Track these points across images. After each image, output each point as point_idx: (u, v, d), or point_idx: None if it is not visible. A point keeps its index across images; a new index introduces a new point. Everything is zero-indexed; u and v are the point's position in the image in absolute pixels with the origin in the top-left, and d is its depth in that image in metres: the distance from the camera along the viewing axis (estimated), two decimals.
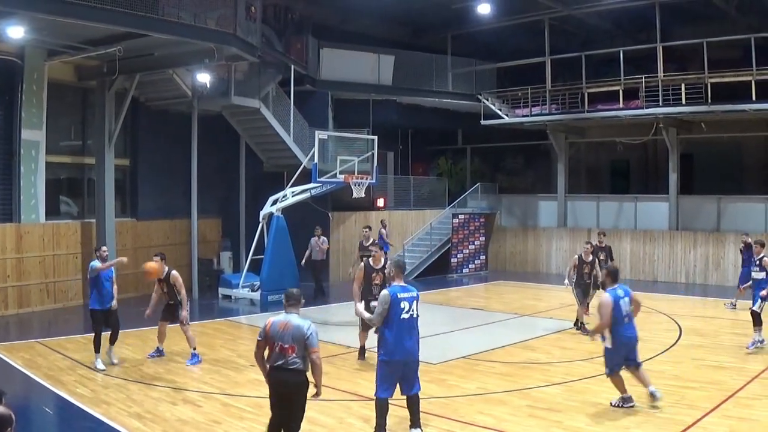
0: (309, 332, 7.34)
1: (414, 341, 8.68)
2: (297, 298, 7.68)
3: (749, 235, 18.93)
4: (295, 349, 7.31)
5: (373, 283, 12.57)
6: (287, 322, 7.42)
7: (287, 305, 7.65)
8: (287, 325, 7.41)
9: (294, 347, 7.32)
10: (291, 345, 7.32)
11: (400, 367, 8.56)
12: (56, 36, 16.69)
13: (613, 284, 9.95)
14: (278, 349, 7.36)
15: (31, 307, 18.23)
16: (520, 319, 17.85)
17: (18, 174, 18.06)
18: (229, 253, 24.19)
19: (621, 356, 9.82)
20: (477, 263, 28.12)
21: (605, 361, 9.98)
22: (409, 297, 8.66)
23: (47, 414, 10.13)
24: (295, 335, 7.33)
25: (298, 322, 7.41)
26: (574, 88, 25.68)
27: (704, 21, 24.92)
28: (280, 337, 7.37)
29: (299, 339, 7.32)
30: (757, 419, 9.24)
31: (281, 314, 7.59)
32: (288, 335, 7.34)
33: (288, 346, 7.32)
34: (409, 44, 29.23)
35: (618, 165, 30.78)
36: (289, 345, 7.32)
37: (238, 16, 17.33)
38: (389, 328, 8.57)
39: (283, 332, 7.37)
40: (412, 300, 8.67)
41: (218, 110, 22.76)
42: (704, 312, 18.01)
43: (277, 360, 7.37)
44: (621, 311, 9.72)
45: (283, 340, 7.34)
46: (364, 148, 21.04)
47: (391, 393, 8.63)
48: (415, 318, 8.68)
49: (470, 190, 30.03)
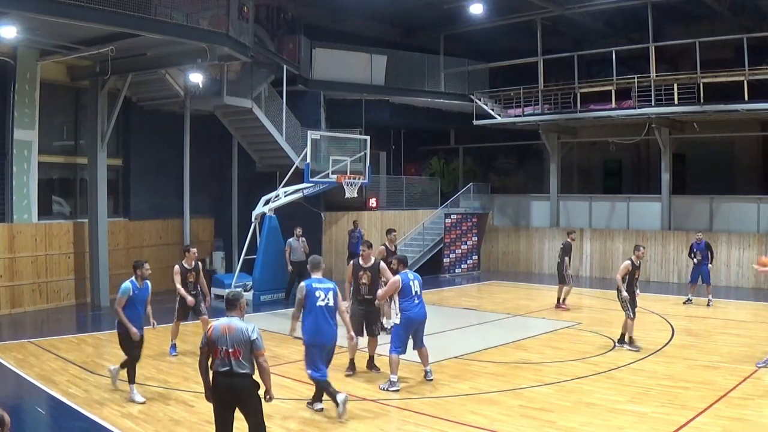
0: (254, 335, 7.19)
1: (330, 327, 9.69)
2: (235, 300, 7.44)
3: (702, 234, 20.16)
4: (240, 353, 7.13)
5: (360, 282, 11.92)
6: (229, 326, 7.22)
7: (228, 309, 7.41)
8: (230, 328, 7.20)
9: (239, 351, 7.13)
10: (236, 349, 7.13)
11: (321, 350, 9.71)
12: (49, 36, 16.64)
13: (404, 269, 11.20)
14: (223, 354, 7.16)
15: (24, 307, 18.17)
16: (512, 319, 17.87)
17: (10, 174, 18.01)
18: (221, 253, 24.16)
19: (408, 334, 11.01)
20: (469, 263, 28.15)
21: (392, 338, 11.07)
22: (325, 288, 9.72)
23: (40, 414, 10.10)
24: (238, 339, 7.15)
25: (241, 325, 7.22)
26: (567, 88, 25.70)
27: (696, 21, 25.02)
28: (223, 342, 7.16)
29: (244, 342, 7.15)
30: (749, 419, 9.27)
31: (222, 318, 7.38)
32: (232, 339, 7.15)
33: (233, 350, 7.13)
34: (401, 44, 29.24)
35: (610, 165, 30.87)
36: (234, 349, 7.13)
37: (230, 16, 17.31)
38: (307, 315, 9.66)
39: (227, 336, 7.17)
40: (327, 291, 9.69)
41: (211, 110, 22.73)
42: (696, 312, 18.06)
43: (223, 366, 7.17)
44: (410, 289, 10.94)
45: (228, 345, 7.14)
46: (356, 148, 21.02)
47: (321, 372, 9.66)
48: (331, 307, 9.67)
49: (463, 190, 30.05)
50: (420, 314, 11.05)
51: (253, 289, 19.87)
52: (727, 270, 23.52)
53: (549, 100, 26.40)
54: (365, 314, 11.94)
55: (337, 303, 9.77)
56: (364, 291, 11.86)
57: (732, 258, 23.44)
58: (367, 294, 11.84)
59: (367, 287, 11.85)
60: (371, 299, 11.84)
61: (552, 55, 26.37)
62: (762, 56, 22.52)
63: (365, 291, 11.86)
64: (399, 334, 10.94)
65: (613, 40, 26.48)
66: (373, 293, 11.77)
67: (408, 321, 10.93)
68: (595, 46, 27.44)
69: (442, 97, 28.46)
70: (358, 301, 11.94)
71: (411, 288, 10.96)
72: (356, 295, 11.97)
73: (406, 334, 10.99)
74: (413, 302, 10.95)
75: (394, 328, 11.14)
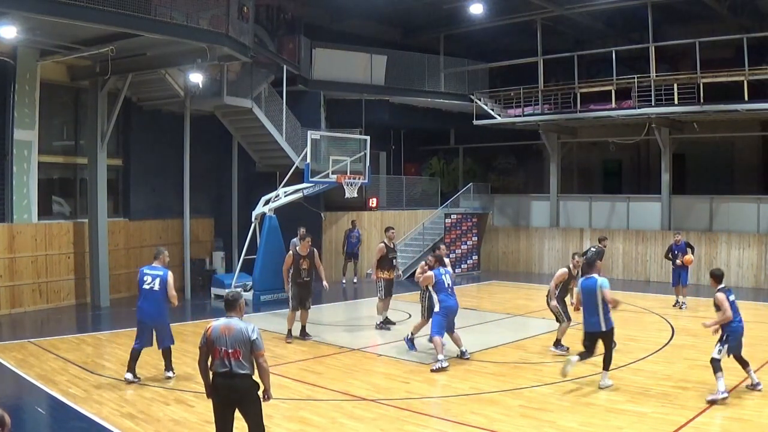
0: (254, 335, 7.15)
1: (149, 305, 11.33)
2: (234, 300, 7.41)
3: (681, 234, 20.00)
4: (240, 354, 7.10)
5: (300, 267, 14.61)
6: (229, 326, 7.20)
7: (227, 309, 7.39)
8: (229, 329, 7.18)
9: (239, 351, 7.10)
10: (236, 349, 7.10)
11: (143, 325, 11.47)
12: (49, 36, 16.63)
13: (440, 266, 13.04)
14: (222, 354, 7.13)
15: (24, 307, 18.17)
16: (512, 318, 17.87)
17: (10, 174, 17.99)
18: (221, 253, 24.14)
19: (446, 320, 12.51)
20: (469, 263, 28.16)
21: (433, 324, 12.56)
22: (154, 274, 11.31)
23: (40, 414, 10.09)
24: (238, 339, 7.11)
25: (241, 326, 7.19)
26: (567, 88, 25.70)
27: (696, 21, 25.01)
28: (222, 342, 7.14)
29: (243, 342, 7.11)
30: (749, 419, 9.29)
31: (221, 319, 7.35)
32: (231, 339, 7.12)
33: (232, 350, 7.10)
34: (401, 44, 29.26)
35: (610, 165, 30.87)
36: (233, 350, 7.10)
37: (230, 16, 17.28)
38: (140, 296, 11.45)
39: (226, 337, 7.15)
40: (155, 277, 11.27)
41: (211, 110, 22.72)
42: (696, 312, 18.05)
43: (222, 366, 7.14)
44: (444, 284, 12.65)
45: (227, 345, 7.11)
46: (356, 148, 21.01)
47: (141, 344, 11.42)
48: (156, 290, 11.22)
49: (462, 190, 30.07)
50: (455, 304, 12.74)
51: (253, 289, 19.87)
52: (727, 270, 23.41)
53: (549, 100, 26.40)
54: (303, 292, 14.69)
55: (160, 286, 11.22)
56: (304, 274, 14.66)
57: (732, 258, 23.44)
58: (306, 276, 14.69)
59: (306, 271, 14.66)
60: (309, 281, 14.77)
61: (552, 55, 26.37)
62: (762, 56, 22.54)
63: (305, 274, 14.66)
64: (439, 321, 12.49)
65: (613, 40, 26.47)
66: (310, 276, 14.77)
67: (446, 310, 12.53)
68: (595, 46, 27.45)
69: (442, 97, 28.47)
70: (297, 283, 14.61)
71: (444, 282, 12.68)
72: (296, 278, 14.61)
73: (445, 320, 12.52)
74: (448, 294, 12.64)
75: (434, 316, 12.66)
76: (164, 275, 11.30)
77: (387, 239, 16.50)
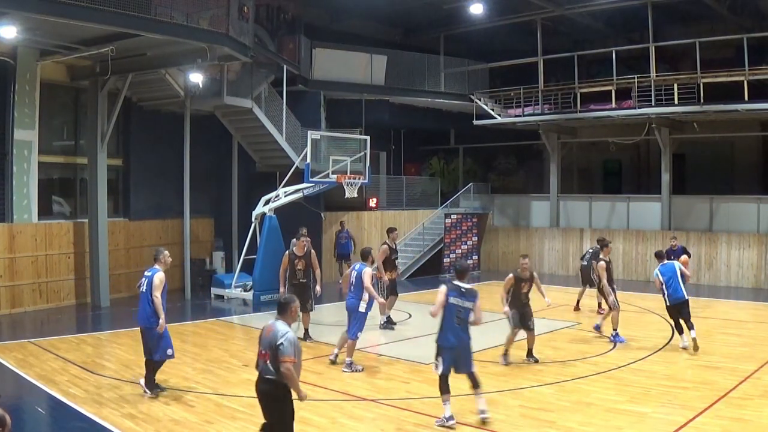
0: (281, 340, 6.99)
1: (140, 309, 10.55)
2: (285, 304, 7.39)
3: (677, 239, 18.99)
4: (268, 357, 7.05)
5: (296, 268, 14.37)
6: (269, 328, 7.20)
7: (278, 311, 7.40)
8: (268, 330, 7.19)
9: (267, 354, 7.06)
10: (266, 352, 7.09)
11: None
12: (49, 36, 16.63)
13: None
14: (258, 355, 7.23)
15: (24, 307, 18.17)
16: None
17: (11, 174, 18.00)
18: (221, 253, 24.14)
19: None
20: (469, 263, 28.08)
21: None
22: (146, 276, 10.58)
23: (40, 414, 10.10)
24: (269, 342, 7.08)
25: (277, 329, 7.12)
26: (567, 88, 25.71)
27: (696, 21, 25.03)
28: (260, 343, 7.22)
29: (272, 346, 7.03)
30: (749, 419, 9.28)
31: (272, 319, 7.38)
32: (265, 342, 7.12)
33: (264, 352, 7.12)
34: (401, 44, 29.26)
35: (610, 165, 30.87)
36: (264, 351, 7.11)
37: (230, 16, 17.29)
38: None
39: (263, 338, 7.19)
40: (146, 278, 10.52)
41: (211, 110, 22.71)
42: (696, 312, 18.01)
43: (257, 366, 7.24)
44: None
45: (262, 346, 7.16)
46: (356, 148, 21.03)
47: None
48: (144, 293, 10.46)
49: (463, 190, 30.09)
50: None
51: (253, 289, 19.86)
52: (727, 270, 23.54)
53: (549, 100, 26.41)
54: (299, 294, 13.02)
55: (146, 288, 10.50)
56: (300, 276, 14.35)
57: (732, 258, 23.45)
58: (302, 278, 14.37)
59: (302, 272, 14.37)
60: (305, 282, 14.37)
61: (552, 55, 26.37)
62: (762, 56, 22.53)
63: (300, 276, 14.35)
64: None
65: (613, 40, 26.50)
66: (306, 277, 14.41)
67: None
68: (595, 46, 27.45)
69: (442, 97, 28.46)
70: (293, 285, 14.18)
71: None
72: (292, 279, 14.30)
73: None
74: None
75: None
76: (151, 276, 10.50)
77: (390, 240, 16.56)
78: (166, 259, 10.81)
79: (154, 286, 10.40)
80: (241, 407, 9.95)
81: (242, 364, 12.70)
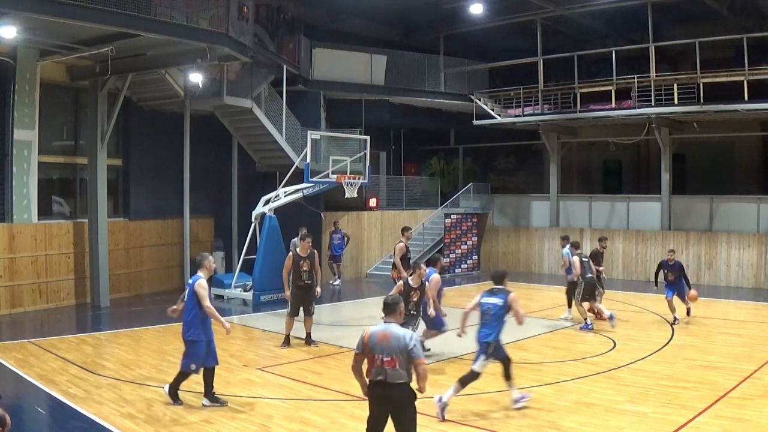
0: (412, 343, 6.81)
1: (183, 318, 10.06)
2: (393, 304, 7.09)
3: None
4: (397, 362, 6.78)
5: (301, 269, 13.93)
6: (386, 333, 6.89)
7: (386, 313, 7.08)
8: (386, 336, 6.86)
9: (396, 360, 6.77)
10: (392, 358, 6.78)
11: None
12: (49, 36, 16.63)
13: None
14: (379, 362, 6.83)
15: (24, 308, 18.16)
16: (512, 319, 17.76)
17: (10, 174, 18.00)
18: (221, 253, 24.14)
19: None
20: (469, 263, 28.16)
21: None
22: (188, 283, 10.09)
23: (40, 414, 10.09)
24: (395, 347, 6.79)
25: (399, 333, 6.87)
26: (567, 88, 25.69)
27: (696, 21, 24.99)
28: (380, 350, 6.83)
29: (401, 351, 6.78)
30: (749, 419, 9.28)
31: (379, 324, 7.06)
32: (389, 348, 6.80)
33: (389, 359, 6.79)
34: (401, 44, 29.24)
35: (610, 165, 30.88)
36: (390, 358, 6.79)
37: (230, 16, 17.29)
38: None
39: (383, 344, 6.84)
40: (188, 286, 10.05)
41: (210, 110, 22.70)
42: (696, 312, 18.04)
43: (377, 375, 6.87)
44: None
45: (384, 353, 6.80)
46: (356, 148, 21.03)
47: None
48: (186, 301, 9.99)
49: (462, 190, 30.08)
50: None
51: (252, 289, 19.86)
52: (727, 270, 23.53)
53: (549, 100, 26.39)
54: (304, 296, 13.96)
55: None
56: (305, 277, 13.93)
57: (732, 258, 23.44)
58: (307, 279, 13.95)
59: (306, 273, 13.93)
60: (310, 284, 13.97)
61: (552, 55, 26.36)
62: (762, 56, 22.50)
63: (306, 277, 13.92)
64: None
65: (613, 40, 26.47)
66: (311, 279, 13.97)
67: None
68: (595, 46, 27.43)
69: (442, 97, 28.45)
70: (297, 287, 13.92)
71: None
72: (296, 281, 13.94)
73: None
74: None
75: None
76: (192, 285, 9.96)
77: (405, 239, 16.34)
78: (210, 265, 10.19)
79: (200, 296, 9.82)
80: (241, 407, 9.96)
81: (242, 364, 12.69)
